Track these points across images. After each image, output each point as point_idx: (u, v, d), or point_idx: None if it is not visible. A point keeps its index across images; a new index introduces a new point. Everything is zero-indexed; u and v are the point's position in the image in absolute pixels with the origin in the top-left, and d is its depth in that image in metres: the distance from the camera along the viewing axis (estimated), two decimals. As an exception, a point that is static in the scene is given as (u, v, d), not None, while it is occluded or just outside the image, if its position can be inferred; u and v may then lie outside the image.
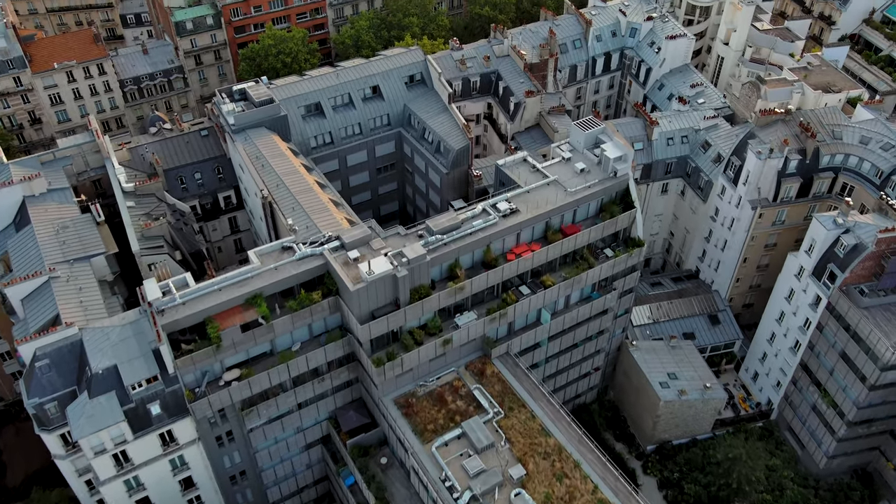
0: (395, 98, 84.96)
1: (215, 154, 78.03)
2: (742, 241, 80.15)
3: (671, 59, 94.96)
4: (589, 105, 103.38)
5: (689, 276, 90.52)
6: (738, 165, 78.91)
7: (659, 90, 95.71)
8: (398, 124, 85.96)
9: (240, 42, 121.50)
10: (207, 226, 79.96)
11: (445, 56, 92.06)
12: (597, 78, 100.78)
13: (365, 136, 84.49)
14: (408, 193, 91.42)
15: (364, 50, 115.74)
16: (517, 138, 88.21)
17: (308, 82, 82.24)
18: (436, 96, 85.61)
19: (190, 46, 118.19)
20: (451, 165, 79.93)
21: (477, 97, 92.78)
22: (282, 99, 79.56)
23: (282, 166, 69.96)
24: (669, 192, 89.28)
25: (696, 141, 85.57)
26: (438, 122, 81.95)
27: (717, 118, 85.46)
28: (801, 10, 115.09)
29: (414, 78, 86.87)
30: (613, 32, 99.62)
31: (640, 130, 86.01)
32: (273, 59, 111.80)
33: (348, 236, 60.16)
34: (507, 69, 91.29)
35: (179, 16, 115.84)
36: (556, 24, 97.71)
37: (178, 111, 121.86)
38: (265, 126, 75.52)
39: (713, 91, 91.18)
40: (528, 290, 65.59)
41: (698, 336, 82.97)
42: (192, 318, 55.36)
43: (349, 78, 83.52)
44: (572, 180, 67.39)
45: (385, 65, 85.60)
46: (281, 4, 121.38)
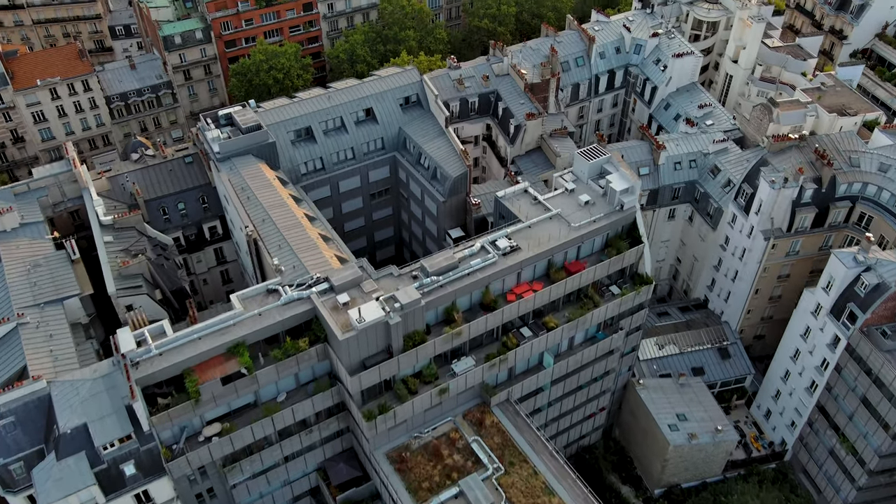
0: (389, 121, 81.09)
1: (200, 182, 74.07)
2: (754, 272, 76.31)
3: (678, 77, 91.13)
4: (592, 124, 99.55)
5: (697, 306, 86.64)
6: (749, 193, 75.05)
7: (665, 110, 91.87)
8: (393, 148, 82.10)
9: (230, 56, 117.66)
10: (191, 258, 76.04)
11: (442, 75, 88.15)
12: (600, 96, 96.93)
13: (358, 161, 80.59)
14: (403, 219, 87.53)
15: (359, 65, 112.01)
16: (517, 162, 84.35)
17: (298, 105, 78.33)
18: (432, 119, 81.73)
19: (179, 61, 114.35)
20: (448, 193, 76.05)
21: (475, 118, 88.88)
22: (270, 124, 75.72)
23: (268, 198, 66.04)
24: (677, 217, 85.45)
25: (704, 165, 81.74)
26: (435, 147, 78.08)
27: (726, 141, 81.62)
28: (811, 24, 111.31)
29: (409, 99, 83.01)
30: (617, 49, 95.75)
31: (646, 154, 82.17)
32: (264, 74, 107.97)
33: (337, 278, 56.28)
34: (507, 89, 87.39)
35: (167, 30, 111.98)
36: (558, 41, 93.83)
37: (166, 127, 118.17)
38: (252, 153, 71.65)
39: (722, 112, 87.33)
40: (530, 331, 61.70)
41: (708, 371, 79.10)
42: (168, 370, 51.50)
43: (341, 100, 79.62)
44: (576, 214, 63.51)
45: (379, 86, 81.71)
46: (273, 18, 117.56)
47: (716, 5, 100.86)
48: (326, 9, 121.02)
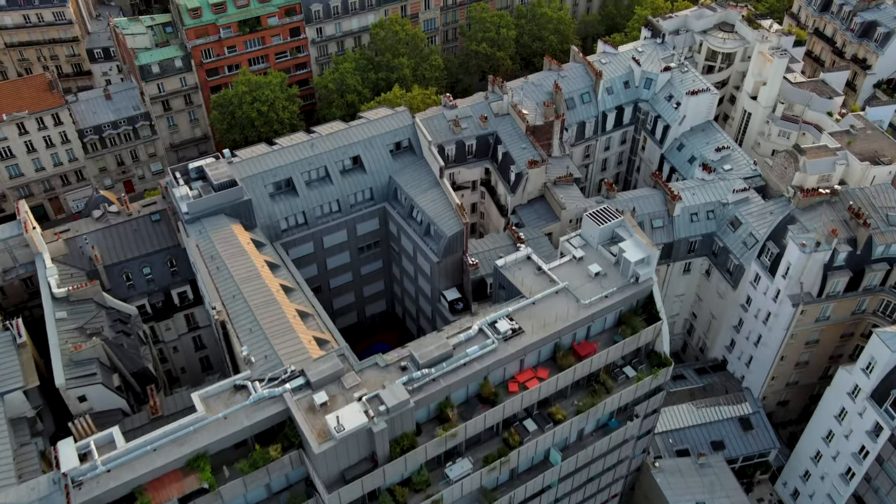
0: (378, 169, 74.05)
1: (167, 244, 66.91)
2: (780, 339, 69.26)
3: (692, 116, 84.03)
4: (598, 163, 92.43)
5: (714, 367, 79.55)
6: (775, 253, 68.00)
7: (678, 150, 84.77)
8: (382, 199, 75.05)
9: (213, 85, 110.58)
10: (159, 325, 68.88)
11: (437, 116, 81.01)
12: (607, 134, 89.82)
13: (344, 214, 73.55)
14: (395, 273, 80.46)
15: (349, 95, 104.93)
16: (518, 212, 77.24)
17: (278, 155, 71.25)
18: (425, 167, 74.71)
19: (157, 91, 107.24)
20: (443, 253, 69.01)
21: (473, 162, 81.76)
22: (247, 176, 68.75)
23: (240, 270, 58.89)
24: (693, 271, 78.40)
25: (723, 216, 74.69)
26: (428, 201, 71.02)
27: (747, 191, 74.52)
28: (831, 51, 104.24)
29: (401, 145, 76.02)
30: (626, 83, 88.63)
31: (660, 205, 75.13)
32: (247, 107, 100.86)
33: (315, 372, 49.18)
34: (507, 131, 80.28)
35: (144, 59, 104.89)
36: (562, 76, 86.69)
37: (145, 160, 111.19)
38: (225, 212, 64.63)
39: (741, 155, 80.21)
40: (535, 424, 54.56)
41: (728, 445, 72.01)
42: (117, 490, 44.38)
43: (326, 148, 72.59)
44: (586, 287, 56.46)
45: (367, 131, 74.66)
46: (258, 44, 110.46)
47: (731, 34, 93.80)
48: (315, 33, 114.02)
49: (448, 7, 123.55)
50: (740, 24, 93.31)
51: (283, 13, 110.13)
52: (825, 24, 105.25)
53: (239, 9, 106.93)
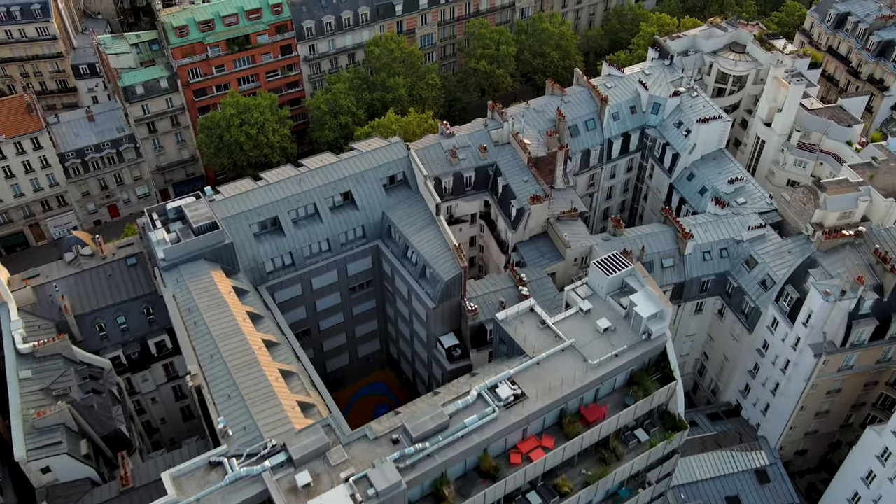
0: (371, 205, 69.62)
1: (144, 291, 62.42)
2: (800, 389, 64.82)
3: (703, 144, 79.56)
4: (604, 191, 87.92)
5: (728, 412, 75.02)
6: (795, 298, 63.52)
7: (688, 181, 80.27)
8: (375, 236, 70.63)
9: (200, 106, 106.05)
10: (136, 377, 64.35)
11: (433, 145, 76.51)
12: (613, 161, 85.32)
13: (334, 254, 69.12)
14: (389, 314, 76.00)
15: (343, 116, 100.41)
16: (520, 249, 72.73)
17: (263, 192, 66.79)
18: (421, 202, 70.30)
19: (142, 113, 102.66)
20: (440, 298, 64.57)
21: (472, 194, 77.26)
22: (230, 216, 64.37)
23: (220, 324, 54.42)
24: (705, 311, 73.95)
25: (737, 254, 70.24)
26: (424, 241, 66.59)
27: (763, 227, 70.03)
28: (846, 70, 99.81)
29: (395, 178, 71.65)
30: (633, 108, 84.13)
31: (671, 243, 70.65)
32: (235, 130, 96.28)
33: (297, 448, 44.77)
34: (508, 161, 75.81)
35: (128, 79, 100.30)
36: (565, 101, 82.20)
37: (130, 184, 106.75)
38: (205, 257, 60.17)
39: (756, 188, 75.70)
40: (539, 497, 50.10)
41: (744, 500, 67.45)
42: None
43: (314, 184, 68.16)
44: (594, 345, 52.09)
45: (359, 164, 70.23)
46: (247, 63, 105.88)
47: (743, 56, 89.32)
48: (307, 51, 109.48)
49: (446, 22, 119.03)
50: (752, 44, 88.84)
51: (274, 30, 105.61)
52: (839, 43, 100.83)
53: (227, 26, 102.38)
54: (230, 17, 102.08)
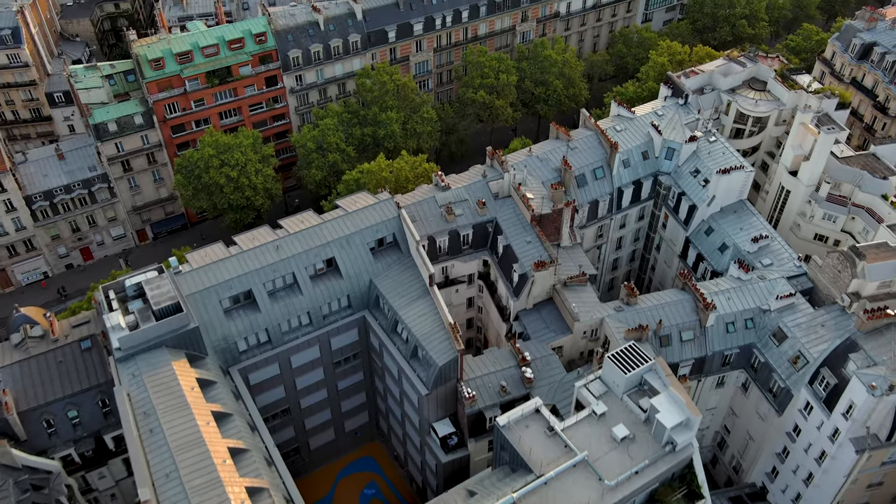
0: (356, 273, 62.61)
1: (99, 380, 55.31)
2: (839, 484, 57.82)
3: (723, 196, 72.56)
4: (613, 243, 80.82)
5: (752, 495, 67.98)
6: (832, 385, 56.48)
7: (707, 235, 73.21)
8: (362, 306, 63.67)
9: (179, 142, 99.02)
10: (92, 475, 57.20)
11: (427, 200, 69.43)
12: (623, 211, 78.25)
13: (316, 328, 62.11)
14: (378, 388, 68.95)
15: (331, 154, 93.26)
16: (522, 319, 65.65)
17: (235, 262, 59.75)
18: (412, 268, 63.33)
19: (115, 151, 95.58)
20: (434, 384, 57.52)
21: (469, 253, 70.23)
22: (196, 291, 57.34)
23: (179, 433, 47.31)
24: (727, 384, 66.91)
25: (764, 325, 63.25)
26: (416, 316, 59.56)
27: (793, 296, 62.99)
28: (871, 105, 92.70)
29: (384, 241, 64.55)
30: (644, 154, 77.10)
31: (690, 314, 63.61)
32: (214, 172, 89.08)
33: None
34: (509, 218, 68.75)
35: (99, 116, 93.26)
36: (572, 148, 75.16)
37: (104, 225, 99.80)
38: (167, 344, 53.11)
39: (783, 247, 68.63)
40: None
41: None
42: None
43: (294, 251, 61.11)
44: (610, 458, 45.19)
45: (343, 227, 63.23)
46: (229, 96, 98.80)
47: (763, 94, 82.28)
48: (294, 82, 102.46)
49: (442, 48, 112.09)
50: (773, 81, 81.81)
51: (258, 61, 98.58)
52: (864, 75, 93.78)
53: (207, 58, 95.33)
54: (210, 47, 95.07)
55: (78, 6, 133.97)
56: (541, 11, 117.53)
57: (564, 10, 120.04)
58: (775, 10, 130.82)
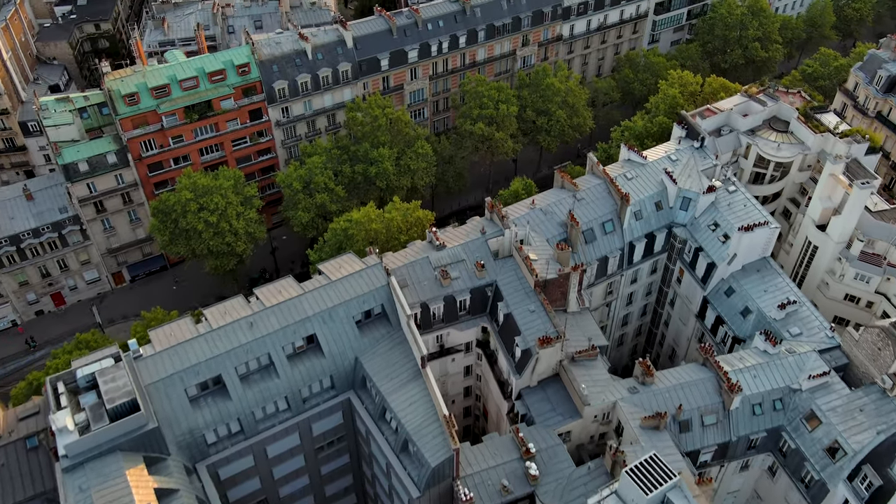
0: (340, 350, 56.17)
1: (45, 487, 48.58)
2: None
3: (745, 254, 66.20)
4: (623, 299, 74.36)
5: (779, 590, 61.51)
6: (877, 485, 50.00)
7: (727, 296, 66.76)
8: (346, 386, 57.25)
9: (157, 181, 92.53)
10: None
11: (420, 261, 62.98)
12: (635, 266, 71.81)
13: (295, 413, 55.61)
14: (366, 472, 62.36)
15: (319, 194, 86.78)
16: (525, 398, 59.11)
17: (203, 343, 53.22)
18: (402, 343, 56.91)
19: (87, 192, 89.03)
20: (426, 485, 51.00)
21: (467, 320, 63.80)
22: (159, 379, 50.84)
23: (129, 566, 40.85)
24: (752, 467, 60.46)
25: (795, 406, 56.90)
26: (406, 403, 53.14)
27: (826, 375, 56.54)
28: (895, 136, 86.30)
29: (372, 312, 58.07)
30: (658, 204, 70.67)
31: (712, 395, 57.18)
32: (192, 216, 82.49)
33: None
34: (510, 282, 62.27)
35: (69, 155, 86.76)
36: (578, 199, 68.76)
37: (76, 270, 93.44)
38: (122, 448, 46.61)
39: (813, 314, 62.22)
40: None
41: None
42: None
43: (270, 328, 54.64)
44: None
45: (326, 298, 56.74)
46: (210, 131, 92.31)
47: (786, 136, 75.86)
48: (280, 114, 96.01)
49: (438, 76, 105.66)
50: (796, 122, 75.39)
51: (241, 93, 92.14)
52: (891, 109, 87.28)
53: (186, 91, 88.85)
54: (188, 80, 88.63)
55: (56, 27, 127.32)
56: (543, 35, 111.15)
57: (568, 33, 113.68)
58: (789, 31, 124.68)
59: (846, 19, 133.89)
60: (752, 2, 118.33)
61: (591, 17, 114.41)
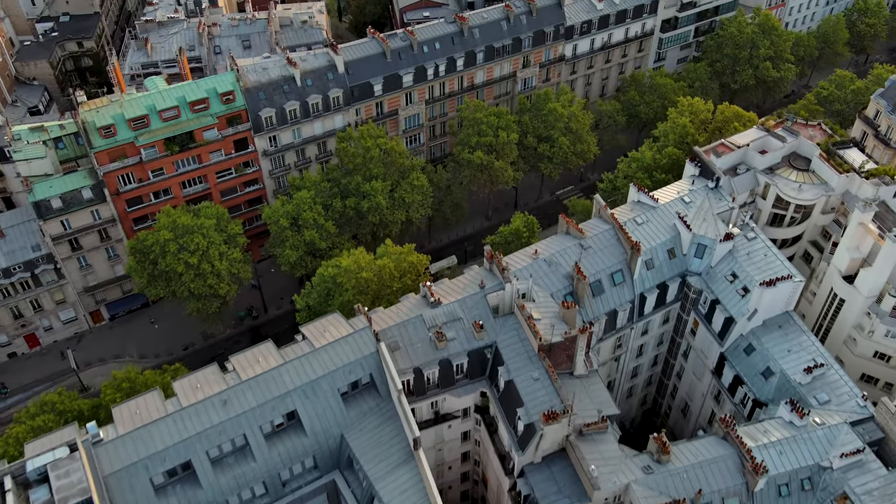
0: (324, 427, 50.93)
1: None
2: None
3: (766, 309, 61.00)
4: (633, 351, 69.12)
5: None
6: (922, 588, 44.87)
7: (746, 354, 61.53)
8: (331, 466, 51.98)
9: (136, 216, 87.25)
10: None
11: (413, 320, 57.71)
12: (645, 318, 66.55)
13: (274, 498, 50.44)
14: (353, 554, 57.09)
15: (308, 231, 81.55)
16: (529, 477, 53.74)
17: (171, 424, 47.93)
18: (392, 419, 51.68)
19: (61, 229, 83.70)
20: (418, 586, 45.75)
21: (464, 385, 58.56)
22: (119, 469, 45.52)
23: None
24: (776, 547, 55.15)
25: (825, 486, 51.63)
26: (396, 492, 47.95)
27: (861, 453, 51.30)
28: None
29: (359, 383, 52.80)
30: (671, 252, 65.37)
31: (735, 475, 51.86)
32: (171, 258, 77.29)
33: None
34: (511, 344, 56.99)
35: (41, 192, 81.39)
36: (585, 248, 63.45)
37: (51, 310, 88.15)
38: (74, 555, 41.34)
39: (842, 379, 57.01)
40: None
41: None
42: None
43: (246, 406, 49.37)
44: None
45: (309, 369, 51.47)
46: (193, 163, 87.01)
47: (807, 175, 70.62)
48: (267, 143, 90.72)
49: (435, 100, 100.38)
50: (818, 160, 70.15)
51: (225, 123, 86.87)
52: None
53: (166, 122, 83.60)
54: (169, 110, 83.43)
55: (36, 45, 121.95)
56: (544, 55, 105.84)
57: (570, 53, 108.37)
58: (801, 48, 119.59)
59: (859, 35, 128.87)
60: (763, 20, 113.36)
61: (594, 36, 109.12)
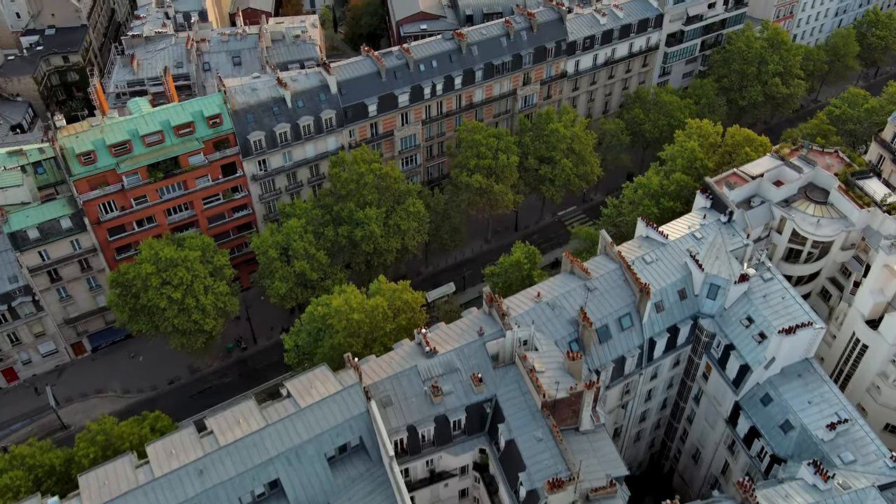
0: (309, 496, 47.22)
1: None
2: None
3: (785, 357, 57.00)
4: (641, 397, 65.18)
5: None
6: None
7: (763, 405, 57.60)
8: (318, 537, 47.85)
9: (118, 246, 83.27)
10: None
11: (407, 372, 53.81)
12: (655, 363, 62.60)
13: (255, 574, 46.32)
14: None
15: (298, 262, 77.67)
16: (532, 544, 49.93)
17: (142, 498, 43.91)
18: (384, 486, 47.67)
19: (39, 260, 79.68)
20: None
21: (462, 442, 54.62)
22: (84, 551, 41.45)
23: None
24: None
25: (852, 558, 47.61)
26: (387, 571, 43.84)
27: (891, 522, 47.47)
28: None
29: (348, 446, 48.83)
30: (682, 293, 61.43)
31: (755, 547, 47.91)
32: (154, 293, 73.37)
33: None
34: (512, 398, 53.07)
35: (17, 222, 77.36)
36: (591, 289, 59.50)
37: (30, 342, 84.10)
38: None
39: (868, 436, 53.02)
40: None
41: None
42: None
43: (224, 476, 45.37)
44: None
45: (294, 432, 47.53)
46: (178, 189, 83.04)
47: (825, 208, 66.65)
48: (256, 168, 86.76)
49: (432, 119, 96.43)
50: (837, 192, 66.23)
51: (212, 147, 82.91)
52: (935, 166, 78.04)
53: (149, 147, 79.65)
54: (152, 135, 79.40)
55: (20, 61, 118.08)
56: (546, 72, 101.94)
57: (572, 70, 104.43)
58: (810, 62, 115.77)
59: (869, 47, 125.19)
60: (773, 34, 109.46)
61: (597, 52, 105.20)
